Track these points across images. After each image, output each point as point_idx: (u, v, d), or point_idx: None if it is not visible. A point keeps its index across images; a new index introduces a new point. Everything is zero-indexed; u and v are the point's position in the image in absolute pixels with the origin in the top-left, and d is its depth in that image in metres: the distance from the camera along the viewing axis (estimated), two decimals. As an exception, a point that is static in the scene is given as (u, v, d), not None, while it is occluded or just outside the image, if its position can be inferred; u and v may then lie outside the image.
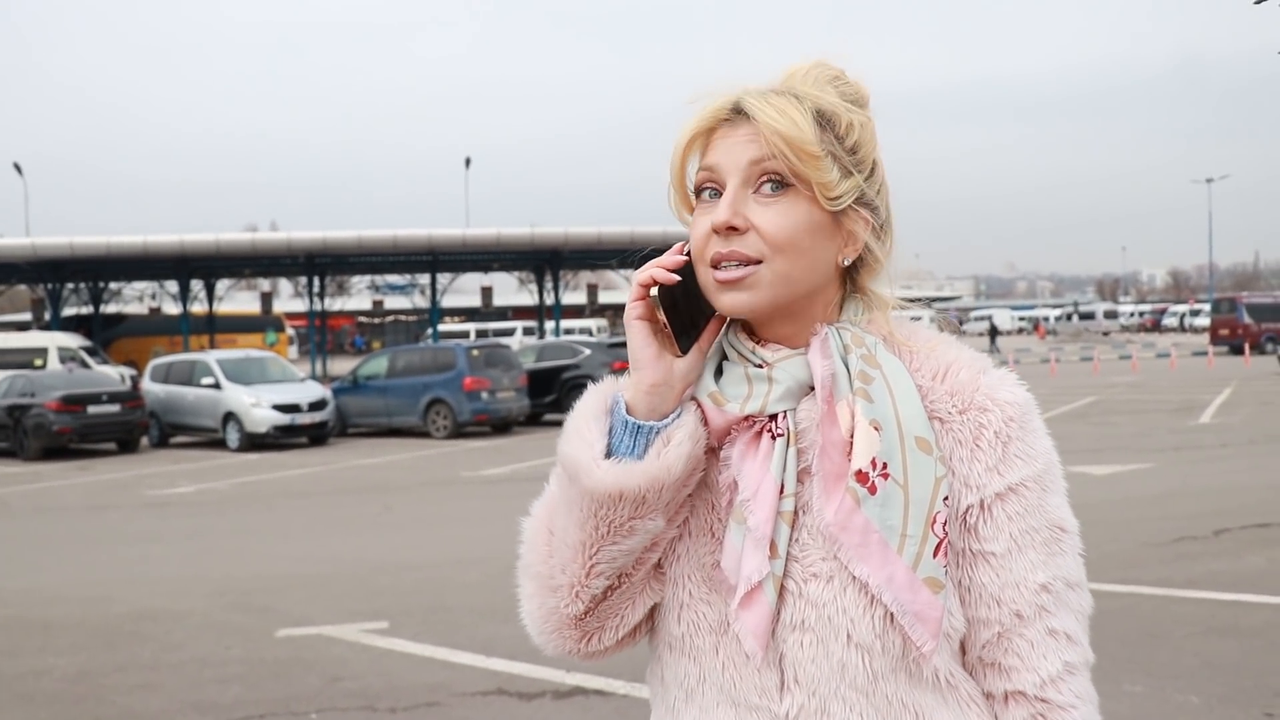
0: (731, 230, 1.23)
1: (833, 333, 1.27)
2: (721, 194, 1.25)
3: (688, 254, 1.28)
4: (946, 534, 1.21)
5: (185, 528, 11.52)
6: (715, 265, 1.24)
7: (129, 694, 5.71)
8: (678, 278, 1.26)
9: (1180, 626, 6.05)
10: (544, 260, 40.00)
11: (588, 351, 22.64)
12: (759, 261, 1.23)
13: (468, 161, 62.17)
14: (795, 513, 1.25)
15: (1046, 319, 77.56)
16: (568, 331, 45.88)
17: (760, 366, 1.28)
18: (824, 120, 1.26)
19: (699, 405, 1.29)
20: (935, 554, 1.20)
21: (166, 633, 6.90)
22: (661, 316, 1.27)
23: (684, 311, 1.28)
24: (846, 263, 1.30)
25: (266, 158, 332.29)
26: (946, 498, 1.22)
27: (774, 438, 1.25)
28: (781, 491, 1.24)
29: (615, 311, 71.71)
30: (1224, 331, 41.81)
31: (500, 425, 21.20)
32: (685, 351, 1.28)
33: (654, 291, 1.26)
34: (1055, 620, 1.24)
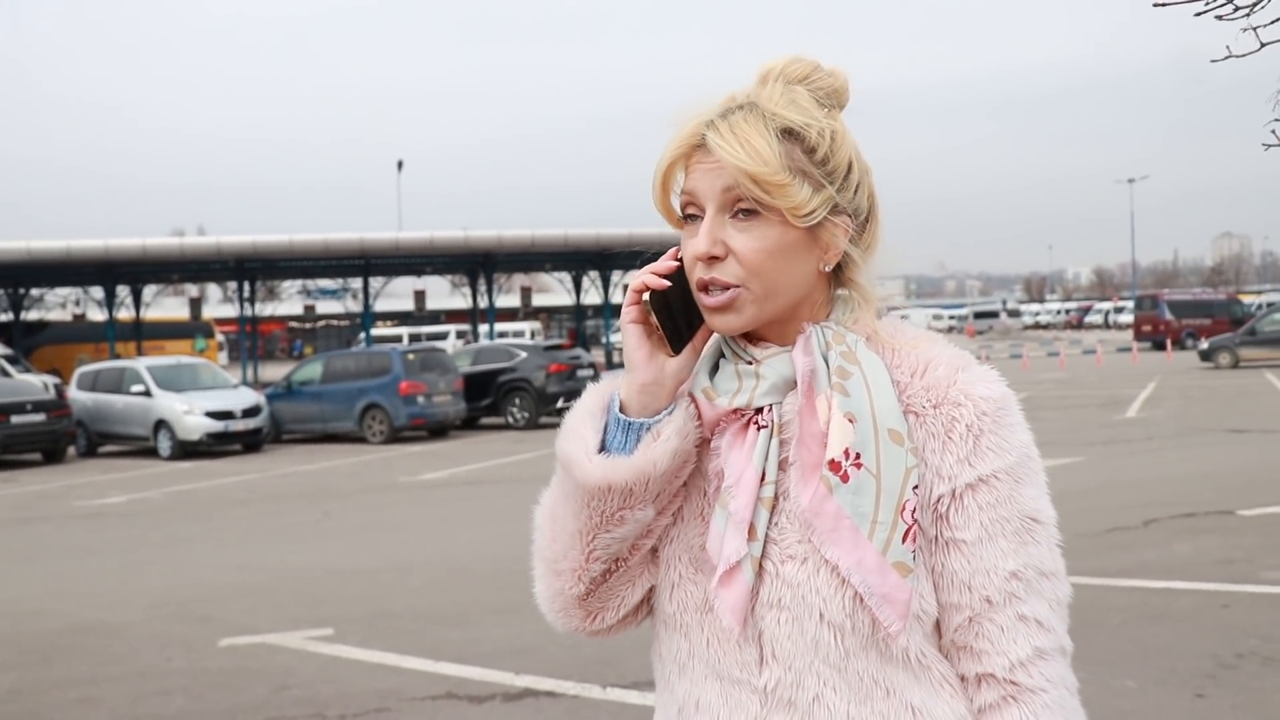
0: (712, 259, 1.30)
1: (816, 331, 1.34)
2: (703, 216, 1.32)
3: (679, 259, 1.35)
4: (916, 521, 1.27)
5: (119, 539, 11.31)
6: (703, 289, 1.31)
7: (67, 710, 5.61)
8: (668, 284, 1.33)
9: (1115, 614, 6.21)
10: (477, 263, 39.79)
11: (524, 354, 22.56)
12: (739, 286, 1.30)
13: (400, 164, 61.71)
14: (775, 499, 1.31)
15: (953, 318, 78.71)
16: (501, 334, 45.70)
17: (750, 363, 1.35)
18: (792, 138, 1.30)
19: (694, 401, 1.36)
20: (904, 540, 1.26)
21: (104, 646, 6.77)
22: (653, 320, 1.33)
23: (677, 314, 1.34)
24: (828, 269, 1.36)
25: (191, 159, 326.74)
26: (916, 486, 1.27)
27: (759, 429, 1.32)
28: (763, 479, 1.31)
29: (549, 314, 71.55)
30: (1147, 328, 42.76)
31: (437, 429, 21.08)
32: (678, 353, 1.35)
33: (646, 296, 1.32)
34: (1026, 606, 1.28)
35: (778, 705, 1.30)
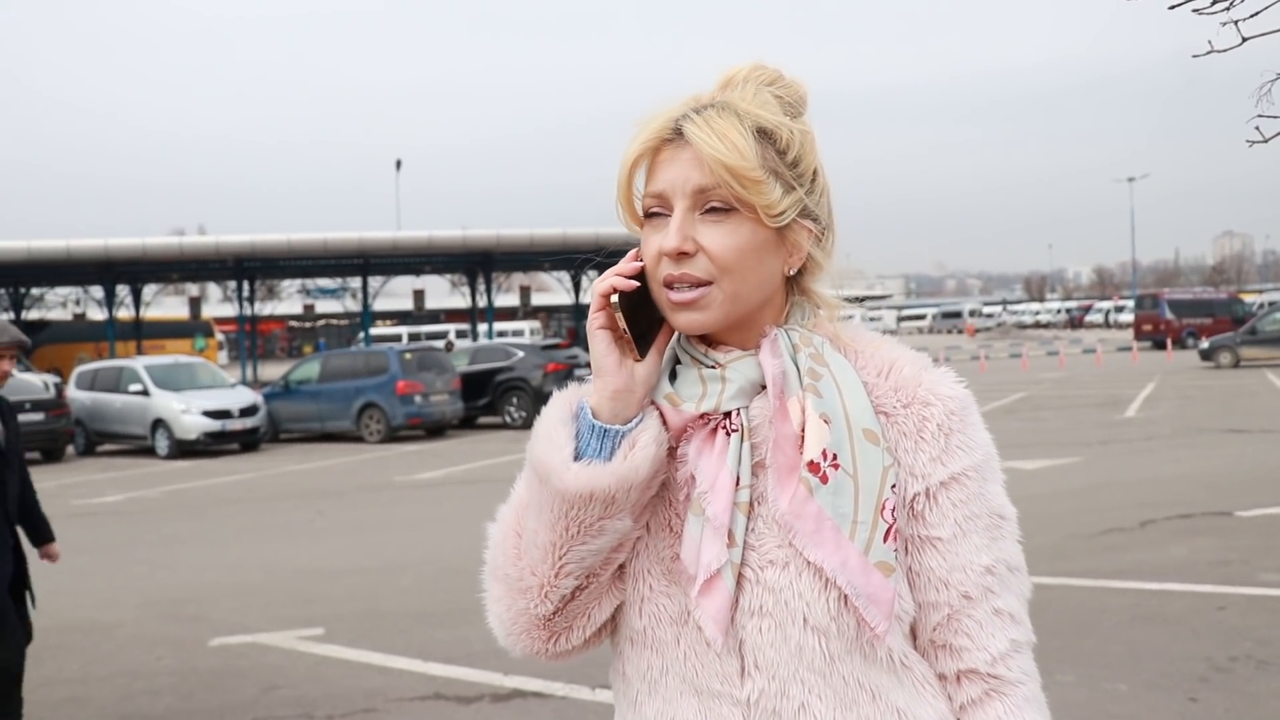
0: (682, 255, 1.28)
1: (781, 334, 1.32)
2: (669, 214, 1.29)
3: (639, 260, 1.33)
4: (895, 520, 1.27)
5: (113, 537, 11.28)
6: (668, 286, 1.29)
7: (56, 708, 5.58)
8: (637, 284, 1.30)
9: (1108, 616, 6.18)
10: (476, 262, 39.84)
11: (521, 354, 22.53)
12: (709, 283, 1.28)
13: (399, 164, 61.69)
14: (751, 503, 1.29)
15: (921, 317, 78.91)
16: (501, 334, 45.69)
17: (713, 367, 1.33)
18: (765, 137, 1.30)
19: (657, 408, 1.33)
20: (885, 539, 1.26)
21: (95, 645, 6.75)
22: (622, 324, 1.29)
23: (641, 317, 1.31)
24: (792, 272, 1.35)
25: (192, 159, 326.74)
26: (894, 485, 1.27)
27: (728, 434, 1.30)
28: (737, 484, 1.28)
29: (548, 314, 71.50)
30: (1147, 327, 42.69)
31: (434, 429, 21.05)
32: (644, 356, 1.32)
33: (614, 299, 1.29)
34: (1000, 601, 1.30)
35: (762, 716, 1.28)
